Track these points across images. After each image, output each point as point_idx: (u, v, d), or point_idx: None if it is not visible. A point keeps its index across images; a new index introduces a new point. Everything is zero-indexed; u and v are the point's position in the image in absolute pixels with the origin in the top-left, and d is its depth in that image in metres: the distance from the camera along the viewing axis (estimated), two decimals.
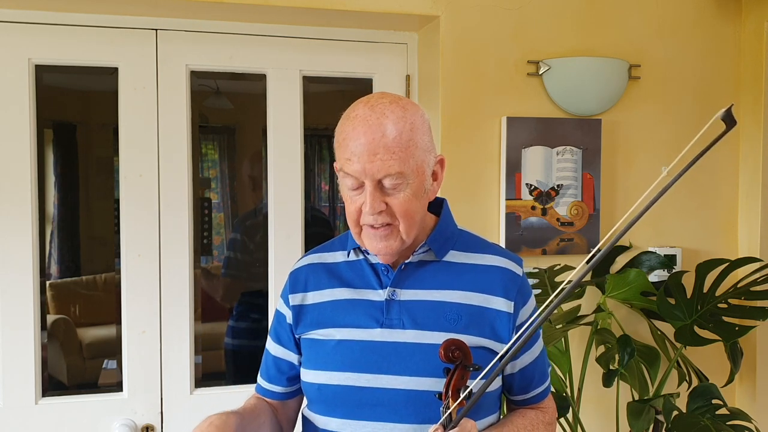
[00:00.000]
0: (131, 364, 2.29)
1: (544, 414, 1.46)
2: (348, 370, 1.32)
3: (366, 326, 1.32)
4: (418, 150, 1.26)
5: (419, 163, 1.26)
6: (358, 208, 1.27)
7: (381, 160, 1.22)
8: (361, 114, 1.25)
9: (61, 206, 2.53)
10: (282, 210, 2.43)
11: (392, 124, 1.23)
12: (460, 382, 1.18)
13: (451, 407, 1.14)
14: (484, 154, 2.41)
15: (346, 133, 1.26)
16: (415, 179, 1.26)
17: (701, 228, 2.64)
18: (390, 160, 1.22)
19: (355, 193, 1.27)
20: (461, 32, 2.36)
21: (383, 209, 1.25)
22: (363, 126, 1.23)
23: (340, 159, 1.27)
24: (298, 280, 1.43)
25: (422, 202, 1.30)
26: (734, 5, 2.63)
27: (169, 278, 2.31)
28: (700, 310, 2.34)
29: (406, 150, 1.23)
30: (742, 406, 2.59)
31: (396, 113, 1.24)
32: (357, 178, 1.25)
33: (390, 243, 1.29)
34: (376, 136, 1.22)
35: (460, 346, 1.19)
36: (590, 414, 2.47)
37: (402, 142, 1.23)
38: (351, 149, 1.24)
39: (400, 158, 1.22)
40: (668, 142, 2.57)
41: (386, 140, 1.22)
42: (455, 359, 1.18)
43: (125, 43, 2.27)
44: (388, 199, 1.25)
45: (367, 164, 1.22)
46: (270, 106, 2.42)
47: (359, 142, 1.23)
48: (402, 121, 1.24)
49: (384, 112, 1.24)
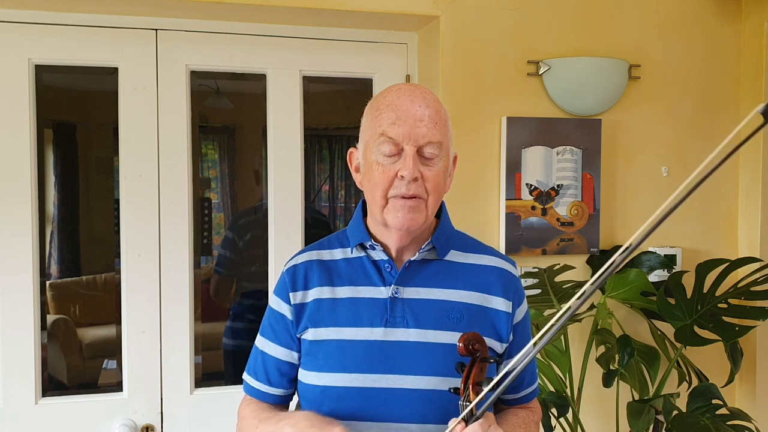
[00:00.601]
0: (131, 364, 2.29)
1: (533, 414, 1.48)
2: (353, 371, 1.30)
3: (369, 325, 1.32)
4: (450, 133, 1.34)
5: (448, 144, 1.33)
6: (390, 177, 1.28)
7: (426, 127, 1.27)
8: (404, 88, 1.32)
9: (61, 206, 2.53)
10: (282, 210, 2.43)
11: (433, 100, 1.31)
12: (479, 375, 1.18)
13: (475, 401, 1.14)
14: (484, 154, 2.41)
15: (389, 101, 1.30)
16: (446, 157, 1.32)
17: (701, 228, 2.64)
18: (434, 129, 1.28)
19: (390, 160, 1.28)
20: (461, 32, 2.36)
21: (419, 177, 1.27)
22: (409, 95, 1.29)
23: (383, 123, 1.28)
24: (297, 277, 1.39)
25: (446, 185, 1.35)
26: (734, 5, 2.63)
27: (169, 278, 2.31)
28: (700, 310, 2.34)
29: (444, 126, 1.31)
30: (742, 406, 2.59)
31: (432, 94, 1.33)
32: (398, 143, 1.27)
33: (416, 216, 1.29)
34: (422, 105, 1.28)
35: (479, 339, 1.20)
36: (590, 414, 2.47)
37: (441, 117, 1.30)
38: (397, 114, 1.28)
39: (440, 130, 1.29)
40: (668, 142, 2.58)
41: (431, 111, 1.29)
42: (475, 351, 1.19)
43: (125, 43, 2.27)
44: (423, 169, 1.28)
45: (413, 128, 1.27)
46: (270, 106, 2.42)
47: (406, 107, 1.28)
48: (437, 102, 1.32)
49: (424, 91, 1.32)
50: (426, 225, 1.33)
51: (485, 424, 1.13)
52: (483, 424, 1.12)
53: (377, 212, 1.31)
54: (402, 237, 1.33)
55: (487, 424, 1.13)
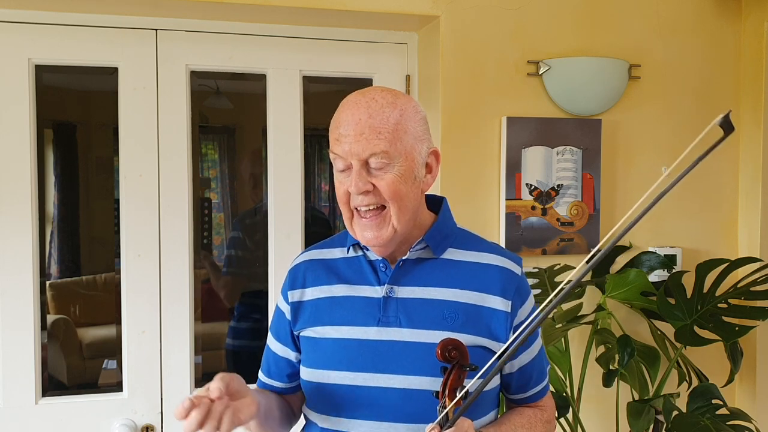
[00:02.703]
0: (131, 364, 2.29)
1: (543, 412, 1.46)
2: (344, 369, 1.32)
3: (362, 324, 1.32)
4: (407, 135, 1.27)
5: (408, 148, 1.27)
6: (346, 191, 1.28)
7: (366, 140, 1.24)
8: (353, 98, 1.29)
9: (61, 206, 2.53)
10: (282, 210, 2.43)
11: (380, 107, 1.26)
12: (456, 381, 1.17)
13: (448, 407, 1.14)
14: (484, 154, 2.41)
15: (336, 116, 1.30)
16: (403, 163, 1.27)
17: (701, 228, 2.64)
18: (375, 140, 1.24)
19: (344, 175, 1.29)
20: (461, 32, 2.36)
21: (370, 189, 1.26)
22: (352, 108, 1.27)
23: (331, 141, 1.29)
24: (296, 276, 1.43)
25: (413, 190, 1.30)
26: (734, 5, 2.63)
27: (169, 278, 2.31)
28: (700, 310, 2.34)
29: (393, 132, 1.25)
30: (742, 406, 2.59)
31: (386, 99, 1.28)
32: (345, 159, 1.26)
33: (381, 233, 1.28)
34: (363, 117, 1.25)
35: (457, 345, 1.19)
36: (590, 414, 2.47)
37: (389, 124, 1.25)
38: (339, 130, 1.27)
39: (386, 139, 1.24)
40: (668, 142, 2.57)
41: (372, 121, 1.25)
42: (452, 359, 1.18)
43: (125, 43, 2.27)
44: (375, 180, 1.26)
45: (353, 144, 1.25)
46: (270, 106, 2.42)
47: (347, 122, 1.26)
48: (391, 106, 1.27)
49: (374, 97, 1.28)
50: (402, 232, 1.30)
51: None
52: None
53: (347, 225, 1.33)
54: (379, 250, 1.33)
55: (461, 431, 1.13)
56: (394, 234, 1.29)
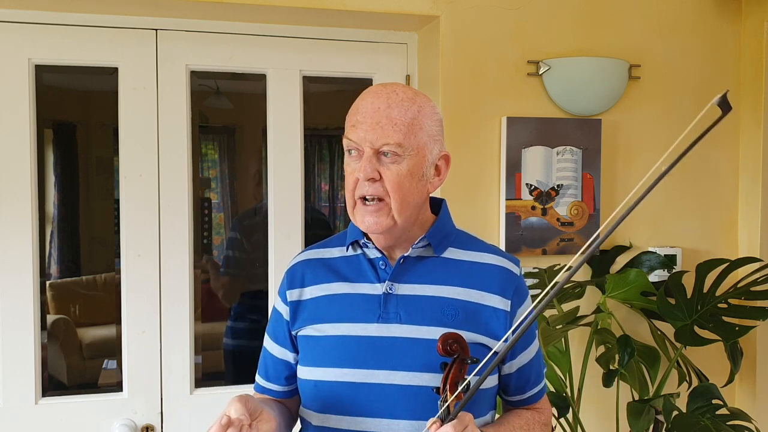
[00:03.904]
0: (131, 364, 2.29)
1: (540, 414, 1.47)
2: (344, 366, 1.32)
3: (362, 321, 1.33)
4: (422, 132, 1.29)
5: (420, 144, 1.29)
6: (355, 179, 1.29)
7: (382, 128, 1.26)
8: (374, 89, 1.31)
9: (61, 206, 2.53)
10: (282, 210, 2.43)
11: (400, 100, 1.28)
12: (458, 375, 1.18)
13: (449, 400, 1.14)
14: (484, 154, 2.41)
15: (356, 103, 1.31)
16: (414, 158, 1.28)
17: (701, 228, 2.64)
18: (391, 130, 1.26)
19: (355, 161, 1.30)
20: (461, 32, 2.36)
21: (377, 178, 1.27)
22: (372, 97, 1.29)
23: (346, 127, 1.31)
24: (295, 276, 1.43)
25: (418, 186, 1.31)
26: (734, 5, 2.63)
27: (169, 278, 2.31)
28: (700, 310, 2.34)
29: (409, 126, 1.27)
30: (742, 406, 2.59)
31: (407, 94, 1.30)
32: (358, 146, 1.28)
33: (379, 219, 1.29)
34: (382, 106, 1.27)
35: (457, 339, 1.20)
36: (590, 414, 2.47)
37: (406, 117, 1.27)
38: (357, 116, 1.29)
39: (401, 131, 1.26)
40: (668, 142, 2.57)
41: (391, 111, 1.26)
42: (453, 352, 1.19)
43: (125, 43, 2.27)
44: (383, 169, 1.27)
45: (369, 131, 1.26)
46: (270, 106, 2.42)
47: (366, 110, 1.28)
48: (410, 101, 1.29)
49: (395, 90, 1.30)
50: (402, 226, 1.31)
51: (459, 426, 1.12)
52: (456, 426, 1.11)
53: (350, 213, 1.34)
54: (379, 239, 1.34)
55: (462, 426, 1.12)
56: (393, 225, 1.30)
